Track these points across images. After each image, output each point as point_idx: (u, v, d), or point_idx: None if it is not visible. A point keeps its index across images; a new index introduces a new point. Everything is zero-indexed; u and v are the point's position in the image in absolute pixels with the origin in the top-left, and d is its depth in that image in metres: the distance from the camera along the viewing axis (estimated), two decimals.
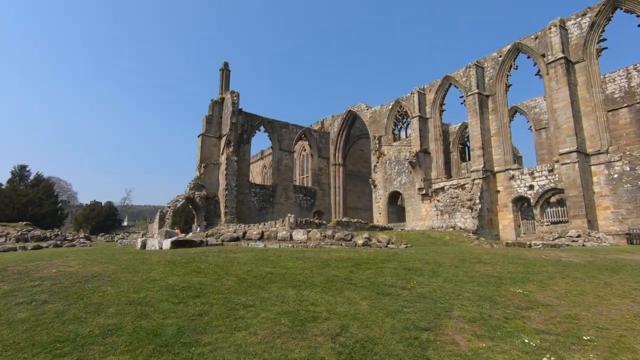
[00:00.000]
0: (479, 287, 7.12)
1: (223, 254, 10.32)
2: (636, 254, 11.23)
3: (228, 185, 35.78)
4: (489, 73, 30.20)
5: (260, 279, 7.39)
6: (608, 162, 22.84)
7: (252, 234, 15.56)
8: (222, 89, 40.28)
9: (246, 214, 37.93)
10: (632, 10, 22.92)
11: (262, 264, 8.85)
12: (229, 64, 40.90)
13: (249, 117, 40.34)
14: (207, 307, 5.57)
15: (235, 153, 37.14)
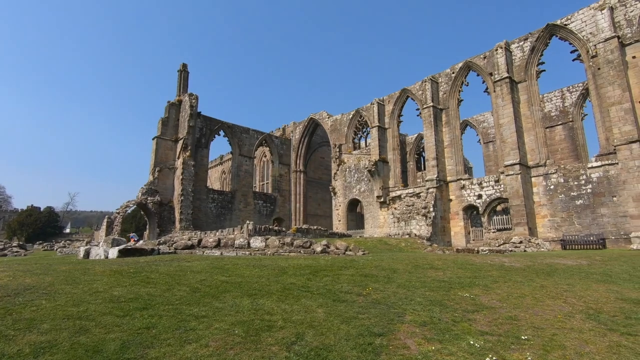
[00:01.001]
0: (430, 292, 7.42)
1: (175, 263, 9.86)
2: (568, 258, 12.32)
3: (184, 191, 34.41)
4: (442, 88, 31.94)
5: (215, 288, 7.15)
6: (546, 174, 24.96)
7: (208, 242, 15.04)
8: (179, 91, 38.90)
9: (203, 221, 36.64)
10: (565, 38, 25.46)
11: (217, 272, 8.58)
12: (187, 65, 39.67)
13: (208, 121, 39.25)
14: (155, 319, 5.28)
15: (192, 157, 35.88)
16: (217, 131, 40.42)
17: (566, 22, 25.03)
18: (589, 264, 11.10)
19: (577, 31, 24.42)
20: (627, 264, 11.00)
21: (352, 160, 38.45)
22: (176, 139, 37.10)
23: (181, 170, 34.90)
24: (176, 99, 38.55)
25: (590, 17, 23.80)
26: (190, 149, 35.80)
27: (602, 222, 21.93)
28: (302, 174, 45.71)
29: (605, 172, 22.15)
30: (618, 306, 6.65)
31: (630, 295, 7.36)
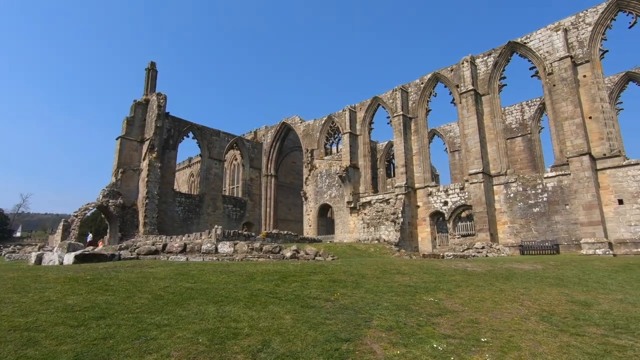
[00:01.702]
0: (397, 297, 7.57)
1: (137, 269, 9.44)
2: (525, 263, 13.00)
3: (149, 194, 33.10)
4: (412, 97, 32.95)
5: (179, 295, 6.91)
6: (506, 183, 26.29)
7: (173, 247, 14.53)
8: (147, 90, 37.56)
9: (169, 225, 35.39)
10: (525, 55, 27.10)
11: (182, 279, 8.30)
12: (156, 64, 38.42)
13: (176, 122, 38.12)
14: (113, 329, 5.01)
15: (159, 159, 34.65)
16: (186, 133, 39.34)
17: (526, 41, 26.66)
18: (544, 268, 11.77)
19: (535, 49, 26.06)
20: (577, 268, 11.76)
21: (323, 166, 38.66)
22: (142, 139, 35.72)
23: (147, 172, 33.59)
24: (143, 98, 37.18)
25: (547, 37, 25.50)
26: (157, 150, 34.57)
27: (556, 229, 23.36)
28: (273, 178, 45.37)
29: (559, 182, 23.67)
30: (568, 308, 7.09)
31: (580, 297, 7.87)
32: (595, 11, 23.78)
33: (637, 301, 7.56)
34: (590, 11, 24.01)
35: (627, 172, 21.37)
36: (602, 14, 23.48)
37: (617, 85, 31.61)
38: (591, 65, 23.53)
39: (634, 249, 20.40)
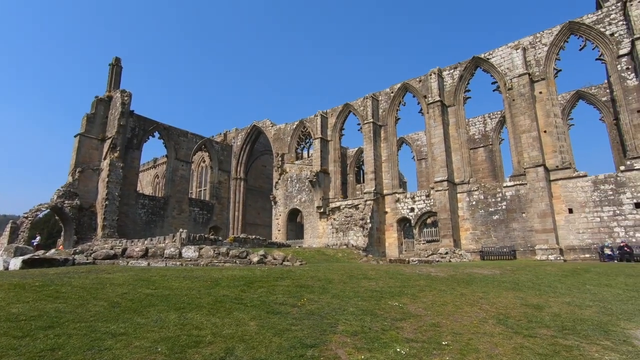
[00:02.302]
0: (363, 302, 7.65)
1: (93, 275, 8.92)
2: (485, 268, 13.60)
3: (109, 195, 31.48)
4: (382, 105, 33.73)
5: (138, 302, 6.59)
6: (469, 191, 27.46)
7: (134, 251, 13.88)
8: (110, 86, 35.88)
9: (130, 228, 33.81)
10: (487, 70, 28.59)
11: (142, 285, 7.93)
12: (121, 60, 36.83)
13: (141, 121, 36.66)
14: (63, 339, 4.69)
15: (121, 159, 33.10)
16: (151, 132, 37.92)
17: (489, 57, 28.15)
18: (502, 273, 12.36)
19: (497, 65, 27.57)
20: (531, 273, 12.46)
21: (294, 170, 38.57)
22: (103, 138, 34.02)
23: (107, 172, 31.96)
24: (106, 94, 35.48)
25: (508, 54, 27.07)
26: (119, 150, 33.02)
27: (514, 236, 24.66)
28: (242, 181, 44.64)
29: (517, 191, 25.05)
30: (523, 311, 7.48)
31: (533, 301, 8.33)
32: (551, 33, 25.57)
33: (582, 304, 8.12)
34: (546, 32, 25.79)
35: (577, 184, 23.01)
36: (557, 36, 25.29)
37: (568, 102, 34.06)
38: (546, 82, 25.22)
39: (581, 254, 21.93)
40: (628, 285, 10.42)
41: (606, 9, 23.80)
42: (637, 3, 21.80)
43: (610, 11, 23.55)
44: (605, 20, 23.68)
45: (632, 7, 21.90)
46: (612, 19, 23.42)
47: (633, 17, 21.73)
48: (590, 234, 22.02)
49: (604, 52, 23.88)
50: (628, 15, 22.20)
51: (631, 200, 21.07)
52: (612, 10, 23.47)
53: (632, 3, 21.92)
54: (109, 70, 36.38)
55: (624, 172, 21.61)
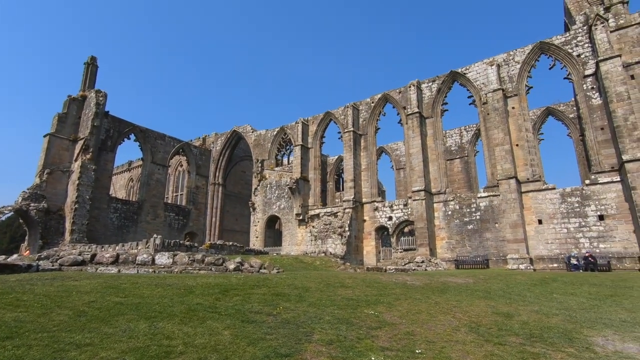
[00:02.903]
0: (339, 310, 7.64)
1: (58, 282, 8.51)
2: (458, 277, 13.90)
3: (80, 198, 30.23)
4: (363, 115, 34.22)
5: (106, 311, 6.33)
6: (445, 201, 28.12)
7: (104, 257, 13.35)
8: (84, 86, 34.74)
9: (101, 233, 32.54)
10: (464, 84, 29.59)
11: (111, 293, 7.63)
12: (97, 59, 35.78)
13: (117, 122, 35.61)
14: (22, 350, 4.43)
15: (93, 161, 31.93)
16: (127, 134, 36.87)
17: (465, 71, 29.17)
18: (475, 282, 12.67)
19: (473, 80, 28.60)
20: (502, 282, 12.84)
21: (273, 177, 38.37)
22: (75, 138, 32.79)
23: (78, 174, 30.74)
24: (79, 94, 34.30)
25: (483, 70, 28.15)
26: (92, 151, 31.87)
27: (487, 245, 25.38)
28: (220, 187, 43.96)
29: (490, 202, 25.86)
30: (493, 319, 7.69)
31: (503, 309, 8.57)
32: (523, 51, 26.82)
33: (549, 312, 8.43)
34: (519, 51, 27.03)
35: (546, 196, 24.01)
36: (528, 55, 26.55)
37: (539, 117, 35.67)
38: (519, 98, 26.36)
39: (549, 264, 22.80)
40: (591, 294, 10.91)
41: (573, 31, 25.24)
42: (601, 27, 23.25)
43: (577, 34, 24.98)
44: (572, 42, 25.09)
45: (596, 31, 23.32)
46: (579, 41, 24.84)
47: (597, 40, 23.13)
48: (558, 244, 22.95)
49: (572, 72, 25.24)
50: (593, 39, 23.62)
51: (595, 213, 22.17)
52: (579, 33, 24.91)
53: (597, 27, 23.35)
54: (84, 69, 35.25)
55: (589, 185, 22.76)
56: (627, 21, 22.97)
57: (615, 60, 22.14)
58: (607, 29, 23.14)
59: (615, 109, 21.51)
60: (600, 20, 23.33)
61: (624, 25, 22.99)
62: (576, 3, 26.37)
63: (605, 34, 23.00)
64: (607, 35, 22.95)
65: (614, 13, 23.49)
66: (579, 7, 26.06)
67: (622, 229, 21.15)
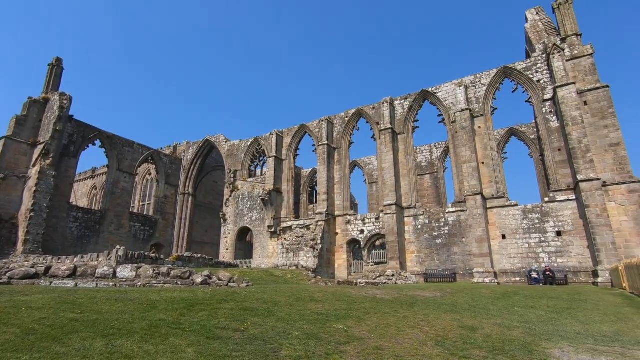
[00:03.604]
0: (309, 325, 7.55)
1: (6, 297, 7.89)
2: (427, 291, 14.16)
3: (36, 206, 28.40)
4: (337, 129, 34.69)
5: (59, 328, 5.92)
6: (415, 216, 28.77)
7: (60, 270, 12.54)
8: (47, 88, 33.11)
9: (58, 244, 30.62)
10: (434, 103, 30.79)
11: (66, 308, 7.15)
12: (62, 60, 34.31)
13: (81, 127, 34.06)
14: None
15: (54, 166, 30.24)
16: (92, 140, 35.32)
17: (436, 91, 30.40)
18: (442, 295, 12.94)
19: (442, 99, 29.82)
20: (468, 296, 13.20)
21: (246, 188, 37.84)
22: (34, 142, 31.00)
23: (36, 180, 28.96)
24: (42, 96, 32.62)
25: (452, 90, 29.45)
26: (52, 157, 30.20)
27: (455, 259, 26.09)
28: (190, 197, 42.79)
29: (458, 217, 26.72)
30: (459, 333, 7.86)
31: (468, 323, 8.79)
32: (489, 75, 28.37)
33: (511, 325, 8.73)
34: (485, 74, 28.57)
35: (509, 212, 25.13)
36: (494, 78, 28.10)
37: (503, 137, 37.59)
38: (485, 119, 27.71)
39: (512, 278, 23.72)
40: (549, 307, 11.42)
41: (534, 58, 27.04)
42: (558, 56, 25.06)
43: (537, 61, 26.79)
44: (533, 68, 26.85)
45: (554, 59, 25.11)
46: (539, 68, 26.62)
47: (555, 68, 24.89)
48: (520, 258, 23.98)
49: (532, 96, 26.91)
50: (551, 66, 25.40)
51: (554, 229, 23.42)
52: (539, 60, 26.72)
53: (554, 56, 25.16)
54: (47, 70, 33.65)
55: (548, 203, 24.08)
56: (581, 52, 24.93)
57: (571, 87, 23.86)
58: (563, 58, 24.98)
59: (571, 132, 23.07)
60: (557, 50, 25.17)
61: (578, 56, 24.92)
62: (536, 33, 28.34)
63: (561, 63, 24.80)
64: (564, 64, 24.76)
65: (569, 44, 25.44)
66: (538, 37, 28.02)
67: (577, 245, 22.44)
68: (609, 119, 23.00)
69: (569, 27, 25.69)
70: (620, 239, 20.92)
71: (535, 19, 28.94)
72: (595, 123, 23.31)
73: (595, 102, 23.60)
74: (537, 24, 28.56)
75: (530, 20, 29.21)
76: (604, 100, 23.39)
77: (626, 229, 21.06)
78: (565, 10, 26.09)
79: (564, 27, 25.95)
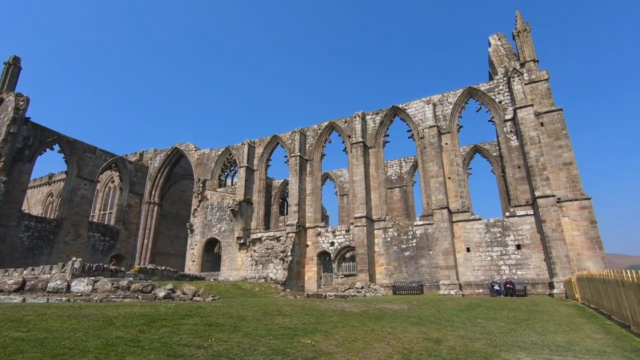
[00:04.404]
0: (275, 340, 7.39)
1: None
2: (394, 303, 14.31)
3: None
4: (309, 141, 34.88)
5: (0, 349, 5.43)
6: (385, 228, 29.23)
7: (6, 284, 11.58)
8: (2, 87, 31.09)
9: (6, 255, 28.35)
10: (404, 119, 31.79)
11: (10, 327, 6.59)
12: (20, 59, 32.43)
13: (39, 131, 32.12)
14: None
15: (5, 171, 28.20)
16: (50, 144, 33.36)
17: (406, 107, 31.42)
18: (409, 308, 13.13)
19: (412, 116, 30.85)
20: (434, 308, 13.47)
21: (215, 198, 36.98)
22: None
23: None
24: None
25: (421, 108, 30.56)
26: (4, 161, 28.19)
27: (422, 271, 26.64)
28: (156, 206, 41.19)
29: (425, 230, 27.43)
30: (424, 345, 7.97)
31: (433, 335, 8.95)
32: (455, 94, 29.74)
33: (474, 337, 8.98)
34: (452, 93, 29.93)
35: (473, 226, 26.12)
36: (460, 97, 29.49)
37: (468, 154, 39.31)
38: (451, 135, 28.90)
39: (476, 290, 24.52)
40: (509, 318, 11.88)
41: (496, 80, 28.70)
42: (517, 80, 26.75)
43: (499, 83, 28.45)
44: (495, 90, 28.46)
45: (514, 82, 26.77)
46: (500, 90, 28.26)
47: (515, 90, 26.52)
48: (483, 271, 24.87)
49: (495, 116, 28.45)
50: (511, 89, 27.04)
51: (514, 242, 24.56)
52: (501, 83, 28.38)
53: (514, 79, 26.84)
54: (3, 69, 31.65)
55: (509, 217, 25.28)
56: (538, 77, 26.77)
57: (529, 109, 25.48)
58: (522, 82, 26.69)
59: (529, 150, 24.53)
60: (517, 74, 26.88)
61: (535, 80, 26.74)
62: (498, 57, 30.18)
63: (521, 86, 26.48)
64: (522, 87, 26.45)
65: (527, 69, 27.27)
66: (500, 60, 29.83)
67: (535, 258, 23.63)
68: (562, 140, 24.69)
69: (527, 54, 27.58)
70: (573, 252, 22.28)
71: (497, 44, 30.84)
72: (550, 143, 24.95)
73: (551, 124, 25.31)
74: (499, 49, 30.44)
75: (493, 44, 31.09)
76: (558, 122, 25.14)
77: (578, 242, 22.47)
78: (524, 37, 28.03)
79: (522, 53, 27.82)
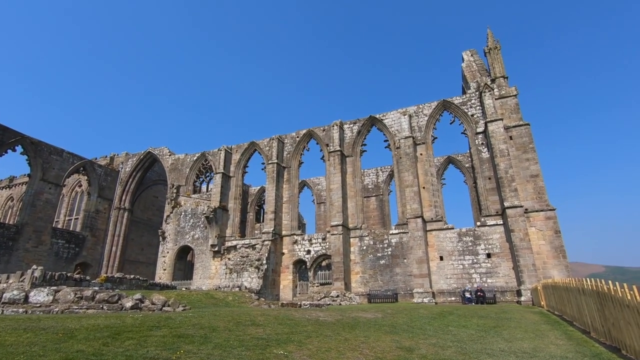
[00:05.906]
0: (247, 352, 7.23)
1: None
2: (369, 312, 14.37)
3: None
4: (287, 148, 34.83)
5: None
6: (361, 236, 29.43)
7: None
8: None
9: None
10: (381, 129, 32.38)
11: None
12: None
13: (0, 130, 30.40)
14: None
15: None
16: (11, 145, 31.64)
17: (383, 118, 32.03)
18: (383, 316, 13.22)
19: (389, 126, 31.47)
20: (407, 316, 13.63)
21: (189, 204, 36.11)
22: None
23: None
24: None
25: (398, 118, 31.25)
26: None
27: (397, 280, 26.94)
28: (127, 212, 39.72)
29: (401, 239, 27.83)
30: (397, 354, 8.03)
31: (406, 343, 9.04)
32: (430, 106, 30.63)
33: (445, 344, 9.14)
34: (427, 105, 30.80)
35: (446, 235, 26.76)
36: (434, 109, 30.39)
37: (442, 165, 40.43)
38: (426, 146, 29.66)
39: (449, 297, 25.03)
40: (479, 326, 12.18)
41: (469, 94, 29.81)
42: (488, 94, 27.91)
43: (472, 97, 29.56)
44: (468, 103, 29.54)
45: (485, 97, 27.91)
46: (473, 103, 29.36)
47: (486, 105, 27.64)
48: (455, 279, 25.45)
49: (467, 128, 29.47)
50: (483, 103, 28.16)
51: (484, 251, 25.33)
52: (473, 97, 29.50)
53: (486, 94, 27.99)
54: None
55: (480, 227, 26.08)
56: (507, 92, 28.05)
57: (499, 122, 26.58)
58: (493, 97, 27.87)
59: (499, 162, 25.53)
60: (488, 89, 28.06)
61: (505, 95, 27.99)
62: (471, 72, 31.41)
63: (491, 100, 27.63)
64: (493, 102, 27.61)
65: (497, 84, 28.52)
66: (472, 76, 31.06)
67: (504, 266, 24.45)
68: (529, 153, 25.88)
69: (498, 70, 28.88)
70: (540, 261, 23.22)
71: (470, 60, 32.12)
72: (519, 156, 26.08)
73: (519, 138, 26.49)
74: (471, 64, 31.70)
75: (466, 60, 32.36)
76: (526, 136, 26.35)
77: (544, 251, 23.46)
78: (495, 54, 29.37)
79: (493, 70, 29.11)
